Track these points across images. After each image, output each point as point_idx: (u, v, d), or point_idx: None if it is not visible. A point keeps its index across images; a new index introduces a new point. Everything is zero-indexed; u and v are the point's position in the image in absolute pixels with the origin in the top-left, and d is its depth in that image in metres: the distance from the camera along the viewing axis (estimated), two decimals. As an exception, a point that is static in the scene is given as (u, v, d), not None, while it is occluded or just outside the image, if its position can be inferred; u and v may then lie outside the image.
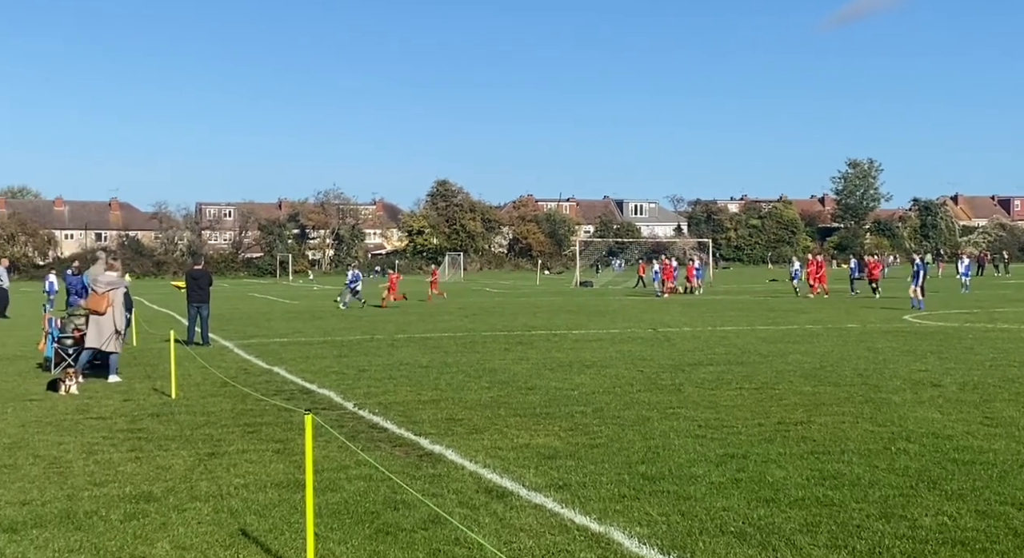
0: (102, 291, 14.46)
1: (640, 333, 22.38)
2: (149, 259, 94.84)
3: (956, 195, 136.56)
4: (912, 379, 13.64)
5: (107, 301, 14.40)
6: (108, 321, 14.39)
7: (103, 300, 14.38)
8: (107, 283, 14.58)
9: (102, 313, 14.37)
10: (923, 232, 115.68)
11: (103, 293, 14.44)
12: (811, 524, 6.56)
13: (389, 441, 9.67)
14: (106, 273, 14.91)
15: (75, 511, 7.07)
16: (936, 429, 9.81)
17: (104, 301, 14.38)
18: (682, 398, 12.21)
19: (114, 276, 14.85)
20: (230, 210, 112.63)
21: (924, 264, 33.44)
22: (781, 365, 15.56)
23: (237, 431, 10.21)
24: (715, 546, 6.15)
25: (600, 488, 7.64)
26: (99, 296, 14.41)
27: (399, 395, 12.75)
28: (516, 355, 17.67)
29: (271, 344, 20.50)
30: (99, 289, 14.49)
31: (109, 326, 14.39)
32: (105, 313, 14.37)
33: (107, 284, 14.56)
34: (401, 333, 23.03)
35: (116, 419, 11.10)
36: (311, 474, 5.73)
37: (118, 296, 14.64)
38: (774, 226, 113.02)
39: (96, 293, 14.47)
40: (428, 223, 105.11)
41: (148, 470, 8.40)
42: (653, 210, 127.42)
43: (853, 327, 23.39)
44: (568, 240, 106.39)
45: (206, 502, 7.30)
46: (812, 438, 9.47)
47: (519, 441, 9.56)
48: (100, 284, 14.54)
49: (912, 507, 6.91)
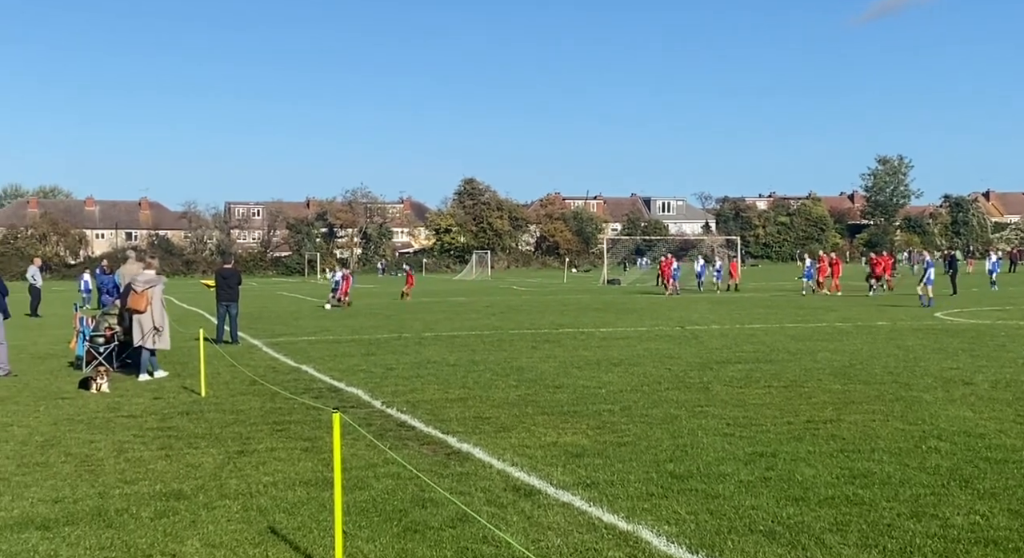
0: (141, 290, 14.66)
1: (668, 331, 22.30)
2: (178, 258, 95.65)
3: (988, 191, 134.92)
4: (943, 377, 13.50)
5: (146, 299, 14.61)
6: (148, 318, 14.62)
7: (143, 299, 14.60)
8: (145, 282, 14.78)
9: (143, 311, 14.59)
10: (954, 229, 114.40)
11: (142, 291, 14.64)
12: (841, 523, 6.51)
13: (417, 439, 9.69)
14: (144, 272, 15.10)
15: (106, 509, 7.14)
16: (968, 427, 9.70)
17: (144, 299, 14.60)
18: (710, 396, 12.15)
19: (152, 274, 15.04)
20: (259, 209, 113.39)
21: (932, 262, 32.73)
22: (810, 363, 15.44)
23: (266, 429, 10.27)
24: (744, 545, 6.12)
25: (628, 486, 7.61)
26: (139, 295, 14.63)
27: (427, 393, 12.77)
28: (543, 353, 17.65)
29: (299, 342, 20.61)
30: (138, 288, 14.70)
31: (149, 323, 14.62)
32: (146, 311, 14.60)
33: (145, 282, 14.76)
34: (428, 331, 23.08)
35: (147, 417, 11.21)
36: (339, 472, 5.75)
37: (156, 293, 14.84)
38: (803, 223, 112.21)
39: (135, 292, 14.67)
40: (455, 221, 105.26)
41: (178, 468, 8.48)
42: (681, 208, 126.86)
43: (883, 325, 23.18)
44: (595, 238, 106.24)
45: (235, 500, 7.35)
46: (842, 436, 9.39)
47: (547, 439, 9.55)
48: (139, 283, 14.75)
49: (944, 506, 6.84)
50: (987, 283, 42.24)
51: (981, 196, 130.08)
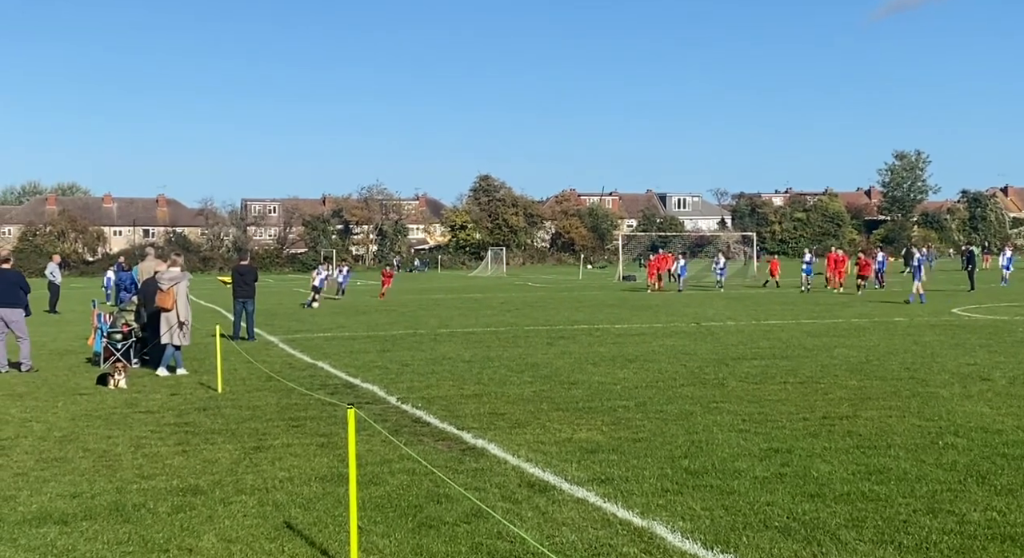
0: (166, 287, 14.77)
1: (683, 327, 22.25)
2: (195, 255, 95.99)
3: (1006, 186, 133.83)
4: (960, 373, 13.43)
5: (172, 297, 14.73)
6: (172, 315, 14.73)
7: (168, 296, 14.72)
8: (170, 279, 14.90)
9: (169, 309, 14.71)
10: (972, 224, 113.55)
11: (168, 289, 14.75)
12: (857, 519, 6.49)
13: (432, 435, 9.72)
14: (169, 269, 15.22)
15: (124, 504, 7.20)
16: (985, 423, 9.65)
17: (169, 297, 14.72)
18: (726, 392, 12.13)
19: (176, 271, 15.16)
20: (275, 206, 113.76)
21: (923, 259, 32.15)
22: (826, 359, 15.38)
23: (282, 425, 10.32)
24: (759, 541, 6.11)
25: (643, 482, 7.61)
26: (164, 293, 14.75)
27: (442, 389, 12.80)
28: (558, 349, 17.66)
29: (315, 339, 20.68)
30: (164, 286, 14.81)
31: (173, 319, 14.73)
32: (172, 308, 14.72)
33: (170, 280, 14.88)
34: (443, 328, 23.11)
35: (164, 413, 11.28)
36: (354, 467, 5.77)
37: (181, 289, 14.94)
38: (819, 219, 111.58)
39: (161, 290, 14.79)
40: (470, 218, 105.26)
41: (195, 463, 8.54)
42: (696, 204, 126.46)
43: (900, 321, 23.06)
44: (611, 234, 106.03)
45: (251, 495, 7.40)
46: (858, 433, 9.35)
47: (562, 435, 9.56)
48: (164, 281, 14.87)
49: (960, 502, 6.81)
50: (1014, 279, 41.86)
51: (999, 191, 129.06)
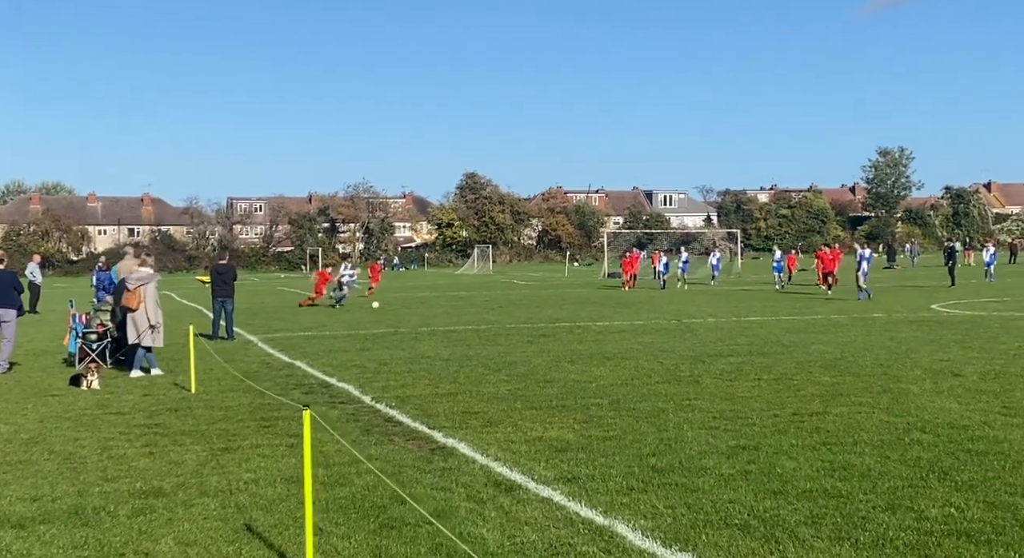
0: (133, 287, 14.70)
1: (664, 324, 22.29)
2: (181, 254, 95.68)
3: (989, 182, 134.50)
4: (933, 369, 13.49)
5: (138, 297, 14.63)
6: (141, 316, 14.65)
7: (135, 296, 14.63)
8: (138, 279, 14.81)
9: (135, 309, 14.61)
10: (955, 220, 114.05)
11: (134, 289, 14.68)
12: (817, 516, 6.51)
13: (403, 435, 9.71)
14: (138, 269, 15.13)
15: (84, 507, 7.16)
16: (953, 419, 9.70)
17: (136, 297, 14.62)
18: (699, 389, 12.16)
19: (145, 272, 15.06)
20: (261, 204, 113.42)
21: (864, 256, 31.66)
22: (802, 355, 15.43)
23: (253, 426, 10.29)
24: (718, 539, 6.12)
25: (609, 481, 7.62)
26: (131, 293, 14.67)
27: (417, 388, 12.78)
28: (538, 347, 17.66)
29: (295, 338, 20.63)
30: (131, 286, 14.74)
31: (143, 321, 14.65)
32: (138, 309, 14.61)
33: (137, 280, 14.79)
34: (425, 326, 23.09)
35: (134, 414, 11.23)
36: (310, 470, 5.76)
37: (150, 290, 14.85)
38: (804, 216, 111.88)
39: (128, 290, 14.72)
40: (457, 216, 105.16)
41: (160, 465, 8.50)
42: (682, 201, 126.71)
43: (878, 317, 23.15)
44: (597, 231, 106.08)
45: (214, 497, 7.37)
46: (826, 429, 9.39)
47: (533, 434, 9.56)
48: (131, 280, 14.79)
49: (920, 498, 6.84)
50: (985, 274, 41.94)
51: (982, 187, 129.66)
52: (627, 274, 41.97)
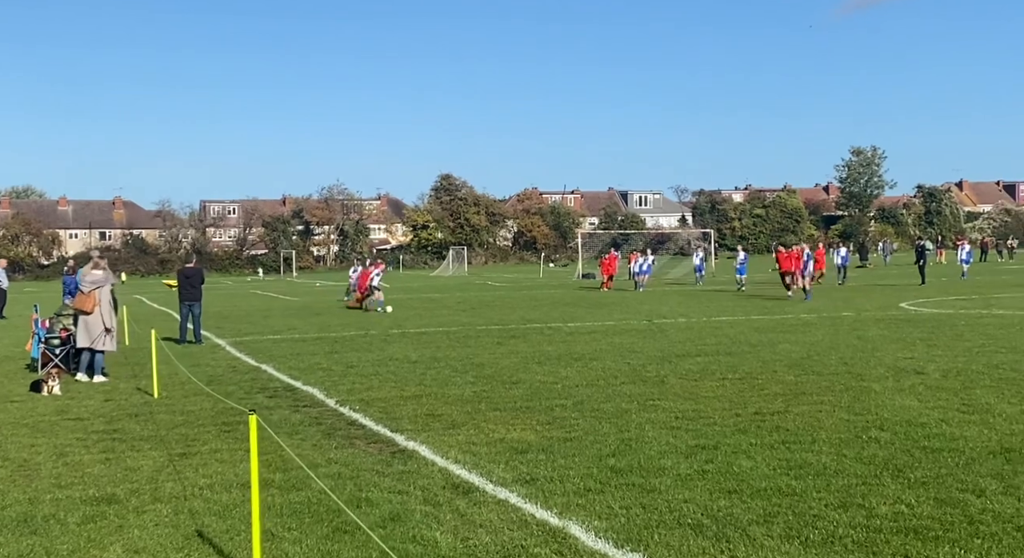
0: (87, 290, 14.53)
1: (635, 325, 22.34)
2: (153, 257, 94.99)
3: (961, 181, 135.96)
4: (896, 367, 13.59)
5: (93, 300, 14.48)
6: (96, 320, 14.47)
7: (89, 299, 14.47)
8: (92, 282, 14.64)
9: (89, 312, 14.44)
10: (928, 219, 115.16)
11: (89, 292, 14.51)
12: (769, 515, 6.54)
13: (365, 438, 9.67)
14: (92, 272, 14.96)
15: (34, 515, 7.06)
16: (911, 417, 9.77)
17: (90, 300, 14.46)
18: (664, 390, 12.18)
19: (99, 275, 14.89)
20: (234, 207, 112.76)
21: (810, 255, 31.70)
22: (769, 355, 15.51)
23: (213, 430, 10.21)
24: (670, 539, 6.13)
25: (566, 482, 7.62)
26: (85, 296, 14.50)
27: (382, 391, 12.74)
28: (507, 349, 17.65)
29: (264, 341, 20.52)
30: (85, 289, 14.57)
31: (98, 325, 14.48)
32: (92, 312, 14.45)
33: (91, 283, 14.62)
34: (396, 328, 23.02)
35: (94, 420, 11.10)
36: (256, 475, 5.72)
37: (104, 294, 14.70)
38: (778, 215, 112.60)
39: (82, 293, 14.55)
40: (432, 217, 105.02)
41: (116, 472, 8.41)
42: (657, 201, 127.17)
43: (847, 315, 23.31)
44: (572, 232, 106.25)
45: (167, 503, 7.30)
46: (786, 428, 9.43)
47: (495, 436, 9.55)
48: (85, 283, 14.62)
49: (872, 496, 6.88)
50: (958, 273, 42.23)
51: (954, 186, 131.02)
52: (606, 275, 42.03)
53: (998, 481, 7.16)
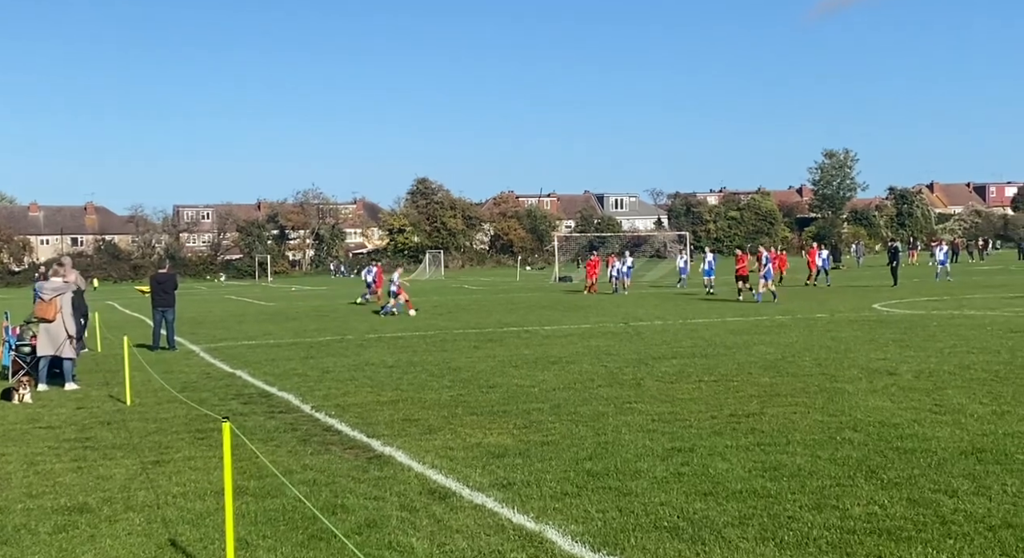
0: (48, 298, 14.34)
1: (612, 328, 22.38)
2: (126, 263, 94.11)
3: (932, 183, 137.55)
4: (870, 368, 13.69)
5: (55, 307, 14.30)
6: (58, 327, 14.28)
7: (51, 307, 14.28)
8: (53, 289, 14.45)
9: (51, 320, 14.26)
10: (899, 220, 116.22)
11: (50, 299, 14.33)
12: (745, 516, 6.56)
13: (341, 444, 9.62)
14: (52, 279, 14.77)
15: (4, 525, 6.98)
16: (884, 418, 9.84)
17: (52, 308, 14.28)
18: (640, 392, 12.21)
19: (59, 282, 14.71)
20: (208, 212, 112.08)
21: (769, 258, 31.90)
22: (744, 357, 15.58)
23: (187, 438, 10.13)
24: (646, 542, 6.14)
25: (543, 486, 7.62)
26: (46, 303, 14.30)
27: (359, 396, 12.69)
28: (484, 353, 17.63)
29: (238, 347, 20.39)
30: (45, 296, 14.37)
31: (60, 332, 14.29)
32: (54, 320, 14.26)
33: (53, 290, 14.43)
34: (372, 333, 22.94)
35: (65, 428, 10.99)
36: (230, 482, 5.68)
37: (66, 301, 14.51)
38: (753, 217, 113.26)
39: (43, 300, 14.35)
40: (409, 221, 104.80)
41: (88, 480, 8.32)
42: (633, 204, 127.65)
43: (821, 317, 23.47)
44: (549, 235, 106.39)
45: (140, 512, 7.23)
46: (761, 430, 9.48)
47: (471, 440, 9.53)
48: (46, 291, 14.42)
49: (846, 497, 6.93)
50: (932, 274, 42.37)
51: (925, 188, 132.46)
52: (590, 278, 42.04)
53: (970, 481, 7.23)
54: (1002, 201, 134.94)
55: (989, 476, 7.36)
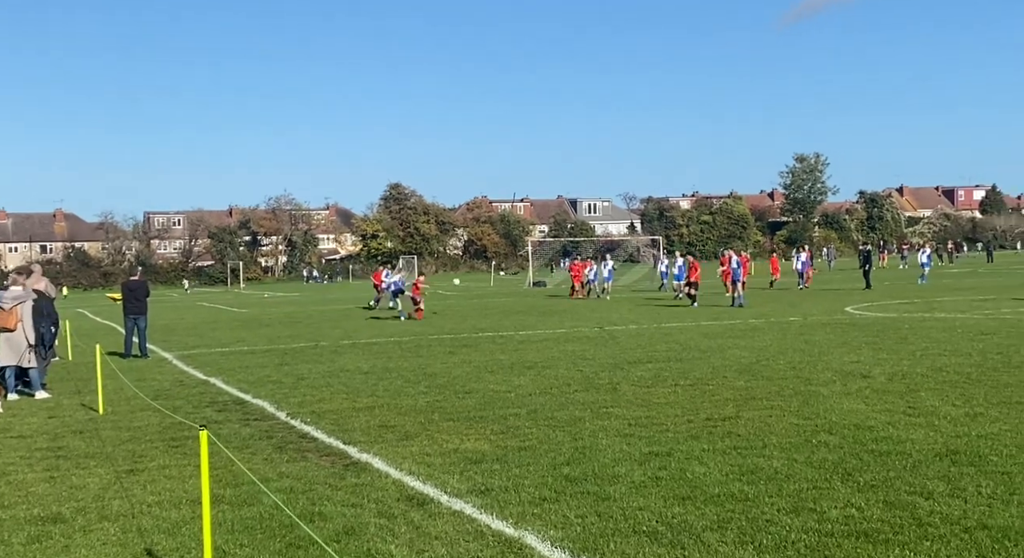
0: (8, 307, 14.12)
1: (587, 332, 22.43)
2: (96, 270, 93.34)
3: (901, 187, 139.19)
4: (843, 371, 13.80)
5: (15, 316, 14.10)
6: (20, 337, 14.09)
7: (11, 316, 14.07)
8: (13, 298, 14.23)
9: (12, 329, 14.06)
10: (870, 224, 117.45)
11: (10, 309, 14.12)
12: (723, 520, 6.58)
13: (317, 451, 9.56)
14: (11, 288, 14.56)
15: (-25, 536, 6.88)
16: (859, 420, 9.91)
17: (12, 317, 14.07)
18: (617, 397, 12.23)
19: (19, 290, 14.50)
20: (179, 219, 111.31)
21: (739, 261, 32.31)
22: (719, 360, 15.65)
23: (161, 446, 10.03)
24: (625, 547, 6.15)
25: (521, 492, 7.60)
26: (6, 313, 14.08)
27: (334, 403, 12.62)
28: (459, 358, 17.60)
29: (211, 354, 20.24)
30: (6, 305, 14.14)
31: (22, 341, 14.10)
32: (15, 329, 14.07)
33: (13, 299, 14.22)
34: (347, 339, 22.85)
35: (37, 437, 10.85)
36: (207, 491, 5.63)
37: (26, 310, 14.31)
38: (725, 222, 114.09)
39: (3, 310, 14.12)
40: (382, 227, 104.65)
41: (61, 490, 8.21)
42: (606, 208, 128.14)
43: (794, 320, 23.64)
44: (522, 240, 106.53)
45: (115, 522, 7.14)
46: (737, 433, 9.52)
47: (448, 446, 9.50)
48: (6, 300, 14.19)
49: (823, 500, 6.97)
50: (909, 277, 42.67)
51: (895, 192, 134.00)
52: (576, 282, 41.99)
53: (945, 483, 7.30)
54: (970, 204, 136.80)
55: (964, 478, 7.43)
